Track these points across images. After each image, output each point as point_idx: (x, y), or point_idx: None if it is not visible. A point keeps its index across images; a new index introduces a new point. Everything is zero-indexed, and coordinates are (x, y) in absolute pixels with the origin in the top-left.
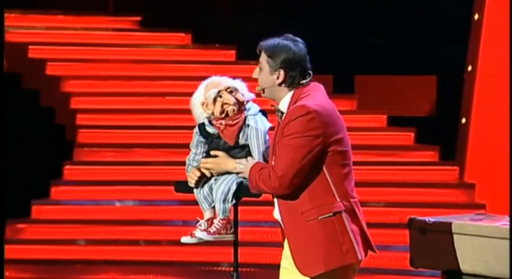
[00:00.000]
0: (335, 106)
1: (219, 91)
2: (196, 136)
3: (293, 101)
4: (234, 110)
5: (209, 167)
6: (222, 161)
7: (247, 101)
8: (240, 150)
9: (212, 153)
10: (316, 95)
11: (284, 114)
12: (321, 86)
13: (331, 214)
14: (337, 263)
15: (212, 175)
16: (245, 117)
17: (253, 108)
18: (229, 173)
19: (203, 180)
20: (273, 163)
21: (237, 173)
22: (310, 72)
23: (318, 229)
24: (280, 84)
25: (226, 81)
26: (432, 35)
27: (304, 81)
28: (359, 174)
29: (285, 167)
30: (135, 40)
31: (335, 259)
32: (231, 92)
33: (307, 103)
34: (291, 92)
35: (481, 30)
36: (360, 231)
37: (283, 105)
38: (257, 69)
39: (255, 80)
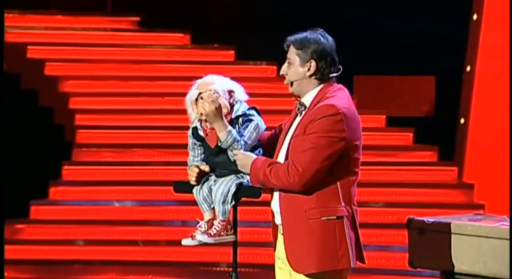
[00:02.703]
0: (356, 110)
1: (200, 93)
2: (190, 139)
3: (318, 97)
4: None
5: (208, 100)
6: (216, 113)
7: (237, 102)
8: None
9: (219, 103)
10: (342, 97)
11: (307, 109)
12: (346, 89)
13: (335, 217)
14: (330, 266)
15: (212, 170)
16: (237, 118)
17: (241, 109)
18: (227, 174)
19: (203, 177)
20: (280, 156)
21: (237, 173)
22: (340, 66)
23: (318, 229)
24: (310, 76)
25: (215, 83)
26: (431, 35)
27: (333, 74)
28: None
29: (307, 164)
30: (134, 40)
31: (329, 262)
32: (214, 93)
33: (337, 103)
34: (318, 88)
35: (480, 30)
36: (356, 240)
37: (307, 99)
38: (285, 64)
39: (255, 80)
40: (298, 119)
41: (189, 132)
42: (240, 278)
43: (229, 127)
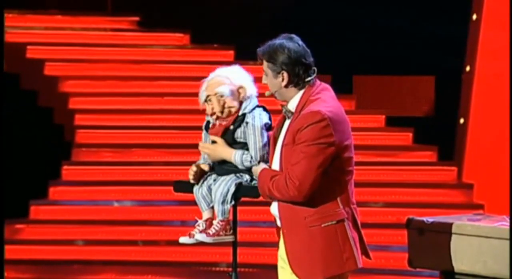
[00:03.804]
0: (343, 108)
1: (208, 96)
2: (203, 132)
3: (302, 102)
4: (222, 113)
5: (206, 152)
6: (219, 148)
7: (247, 99)
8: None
9: (212, 138)
10: (326, 99)
11: (293, 115)
12: (329, 88)
13: (335, 222)
14: (337, 271)
15: (211, 169)
16: (243, 115)
17: (248, 107)
18: (228, 171)
19: (203, 175)
20: (274, 163)
21: (237, 173)
22: (314, 68)
23: (320, 236)
24: (286, 86)
25: (223, 84)
26: (431, 35)
27: (309, 78)
28: (357, 174)
29: (302, 175)
30: (133, 40)
31: (335, 266)
32: (221, 96)
33: (321, 109)
34: (300, 93)
35: (479, 30)
36: (359, 238)
37: (292, 105)
38: (264, 75)
39: (254, 80)
40: (287, 122)
41: (204, 125)
42: (239, 278)
43: (233, 152)
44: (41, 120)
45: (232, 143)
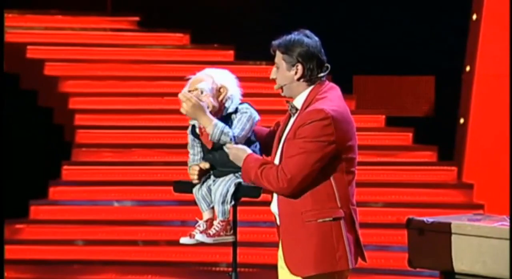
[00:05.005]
0: (348, 109)
1: (189, 91)
2: (189, 136)
3: (309, 99)
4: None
5: (185, 100)
6: (196, 109)
7: (228, 99)
8: None
9: (194, 100)
10: (332, 98)
11: (298, 111)
12: (337, 88)
13: (331, 218)
14: (328, 268)
15: (212, 168)
16: (228, 115)
17: (232, 106)
18: (227, 172)
19: (204, 174)
20: (276, 158)
21: (235, 173)
22: (328, 65)
23: (315, 232)
24: (299, 79)
25: (204, 81)
26: (431, 35)
27: (322, 74)
28: (357, 174)
29: (296, 169)
30: (133, 40)
31: (327, 264)
32: (201, 92)
33: (325, 107)
34: (308, 89)
35: (479, 30)
36: (355, 240)
37: (298, 102)
38: (274, 69)
39: (254, 80)
40: (292, 120)
41: (189, 129)
42: (240, 278)
43: (214, 121)
44: (41, 120)
45: (222, 144)
